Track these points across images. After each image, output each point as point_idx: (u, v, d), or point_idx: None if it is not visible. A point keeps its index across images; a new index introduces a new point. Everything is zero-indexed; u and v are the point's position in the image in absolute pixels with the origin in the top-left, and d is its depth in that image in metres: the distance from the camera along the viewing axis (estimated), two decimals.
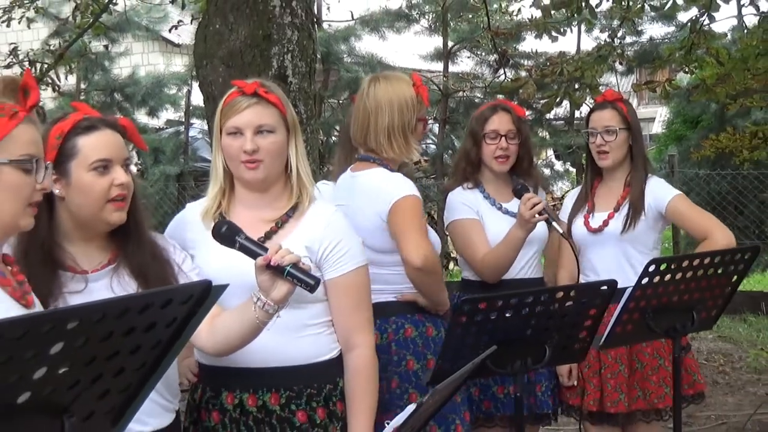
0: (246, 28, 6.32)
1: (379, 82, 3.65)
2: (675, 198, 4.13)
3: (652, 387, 4.05)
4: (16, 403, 1.64)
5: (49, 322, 1.62)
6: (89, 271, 2.57)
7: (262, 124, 2.80)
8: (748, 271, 3.65)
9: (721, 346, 9.49)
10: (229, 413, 2.83)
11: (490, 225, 4.05)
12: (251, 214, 2.86)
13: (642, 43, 12.41)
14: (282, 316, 2.74)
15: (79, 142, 2.50)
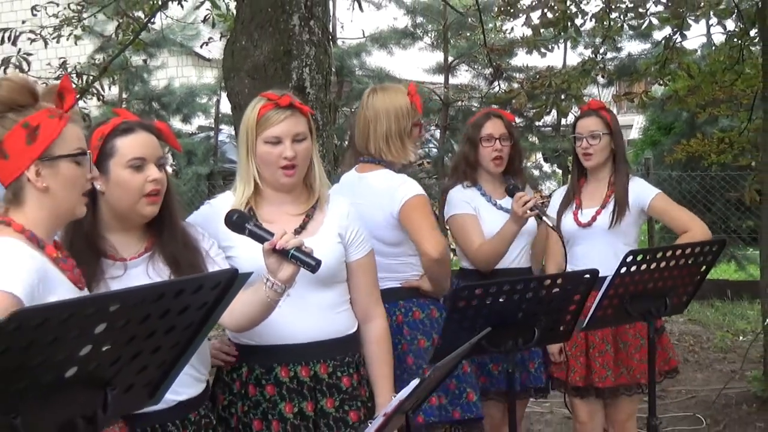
0: (269, 45, 6.32)
1: (377, 93, 3.66)
2: (657, 196, 4.14)
3: (635, 364, 4.05)
4: (64, 377, 1.64)
5: (93, 305, 1.62)
6: (128, 258, 2.58)
7: (298, 132, 2.83)
8: (715, 262, 3.64)
9: (691, 329, 9.48)
10: (285, 385, 2.83)
11: (485, 219, 4.06)
12: (277, 210, 2.90)
13: (621, 59, 12.35)
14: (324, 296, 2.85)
15: (117, 143, 2.52)
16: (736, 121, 10.46)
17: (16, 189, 2.18)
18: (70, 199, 2.21)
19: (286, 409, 2.82)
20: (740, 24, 8.62)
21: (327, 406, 2.83)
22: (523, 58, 12.73)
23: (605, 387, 4.08)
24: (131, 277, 2.53)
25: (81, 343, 1.62)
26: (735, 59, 8.80)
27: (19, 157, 2.14)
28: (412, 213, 3.44)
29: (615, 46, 10.19)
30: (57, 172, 2.17)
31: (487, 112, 4.26)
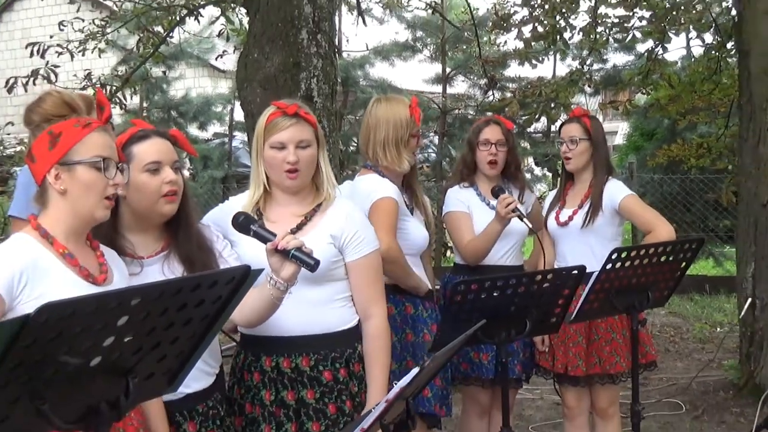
0: (279, 57, 6.32)
1: (380, 103, 3.67)
2: (626, 198, 4.11)
3: (605, 356, 4.05)
4: (89, 365, 1.65)
5: (116, 299, 1.62)
6: (145, 257, 2.58)
7: (302, 139, 2.82)
8: (694, 259, 3.64)
9: (672, 321, 9.48)
10: (268, 374, 2.83)
11: (477, 217, 4.07)
12: (284, 210, 2.89)
13: (607, 70, 12.34)
14: (318, 291, 2.82)
15: (134, 149, 2.53)
16: (713, 127, 10.47)
17: (42, 190, 2.24)
18: (88, 202, 2.23)
19: (265, 396, 2.82)
20: (717, 37, 8.62)
21: (307, 397, 2.81)
22: (516, 69, 12.73)
23: (577, 375, 4.08)
24: (147, 274, 2.53)
25: (105, 334, 1.62)
26: (713, 70, 8.81)
27: (42, 161, 2.19)
28: (373, 213, 3.41)
29: (601, 58, 10.21)
30: (74, 176, 2.19)
31: (488, 119, 4.28)
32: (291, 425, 2.80)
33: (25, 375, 1.55)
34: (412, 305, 3.60)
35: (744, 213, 6.26)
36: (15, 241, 2.21)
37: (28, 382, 1.57)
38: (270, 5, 6.42)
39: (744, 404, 5.92)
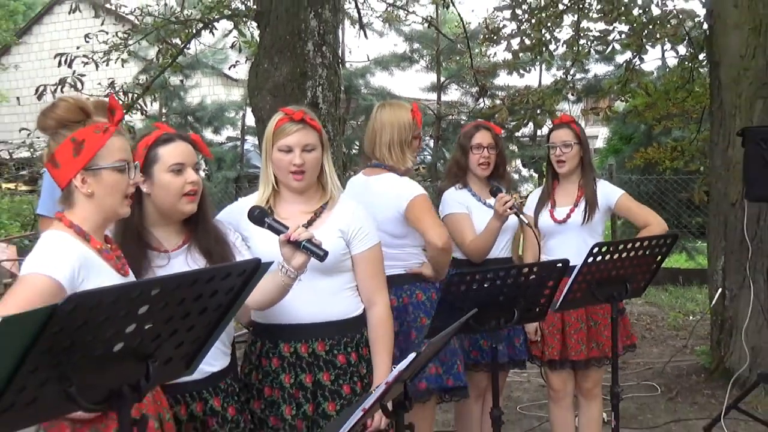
0: (287, 67, 6.32)
1: (385, 108, 3.67)
2: (622, 196, 4.16)
3: (603, 340, 4.05)
4: (112, 351, 1.65)
5: (137, 290, 1.63)
6: (170, 250, 2.58)
7: (308, 143, 2.83)
8: (669, 253, 3.65)
9: (648, 310, 9.48)
10: (287, 359, 2.84)
11: (477, 217, 4.06)
12: (293, 208, 2.90)
13: (588, 79, 12.35)
14: (330, 281, 2.85)
15: (159, 151, 2.53)
16: (687, 132, 10.47)
17: (67, 193, 2.22)
18: (113, 202, 2.23)
19: (285, 379, 2.83)
20: (690, 49, 8.64)
21: (323, 379, 2.83)
22: (505, 78, 12.75)
23: (579, 359, 4.09)
24: (173, 266, 2.54)
25: (127, 321, 1.62)
26: (686, 79, 8.82)
27: (67, 167, 2.17)
28: (416, 210, 3.45)
29: (583, 68, 10.20)
30: (100, 180, 2.19)
31: (477, 124, 4.26)
32: (309, 406, 2.81)
33: (53, 360, 1.55)
34: (435, 291, 3.61)
35: (714, 211, 6.26)
36: (58, 238, 2.17)
37: (57, 366, 1.57)
38: (279, 19, 6.42)
39: (714, 387, 5.93)
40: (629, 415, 5.51)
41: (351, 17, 10.12)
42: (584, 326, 4.07)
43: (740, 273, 5.81)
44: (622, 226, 10.74)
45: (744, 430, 5.18)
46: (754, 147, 4.99)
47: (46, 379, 1.57)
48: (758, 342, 5.60)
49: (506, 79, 12.70)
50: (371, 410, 2.32)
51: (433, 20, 11.36)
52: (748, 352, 5.62)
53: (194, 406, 2.56)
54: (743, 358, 5.65)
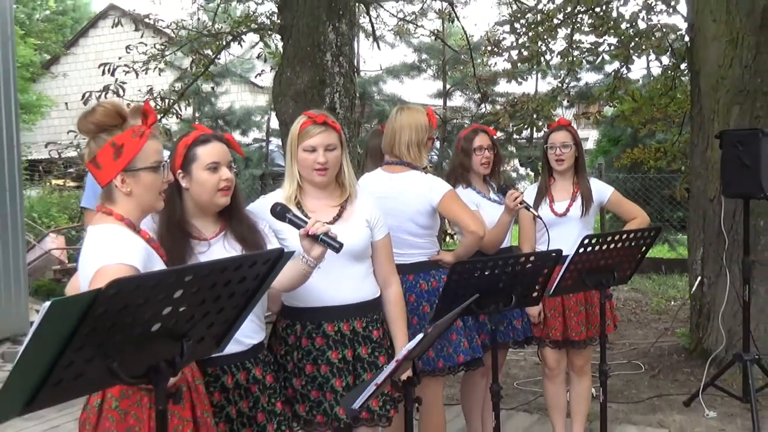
0: (308, 75, 6.33)
1: (403, 111, 3.67)
2: (613, 193, 4.20)
3: (598, 321, 4.04)
4: (150, 330, 1.66)
5: (173, 276, 1.63)
6: (209, 238, 2.60)
7: (329, 143, 2.85)
8: (653, 244, 3.64)
9: (633, 295, 9.46)
10: (331, 337, 2.86)
11: (486, 211, 4.02)
12: (319, 202, 2.92)
13: (580, 86, 12.27)
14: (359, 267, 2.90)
15: (197, 151, 2.55)
16: (669, 135, 10.42)
17: (108, 191, 2.22)
18: (149, 198, 2.24)
19: (332, 355, 2.84)
20: (673, 60, 8.60)
21: (362, 353, 2.87)
22: (504, 86, 12.69)
23: (580, 339, 4.09)
24: (213, 251, 2.55)
25: (163, 304, 1.63)
26: (669, 87, 8.79)
27: (108, 169, 2.18)
28: (451, 204, 3.48)
29: (576, 77, 10.15)
30: (138, 180, 2.20)
31: (475, 128, 4.24)
32: (350, 377, 2.85)
33: (98, 339, 1.56)
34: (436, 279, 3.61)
35: (694, 206, 6.24)
36: (120, 231, 2.17)
37: (101, 344, 1.58)
38: (300, 32, 6.43)
39: (693, 365, 5.91)
40: (616, 391, 5.50)
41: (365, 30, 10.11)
42: (583, 310, 4.07)
43: (717, 263, 5.79)
44: (610, 220, 10.71)
45: (720, 405, 5.16)
46: (731, 149, 4.97)
47: (91, 356, 1.58)
48: (733, 325, 5.58)
49: (506, 86, 12.66)
50: (383, 385, 2.33)
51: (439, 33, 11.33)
52: (724, 335, 5.60)
53: (239, 376, 2.60)
54: (720, 339, 5.63)
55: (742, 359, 5.03)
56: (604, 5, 8.50)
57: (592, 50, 8.87)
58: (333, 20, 6.58)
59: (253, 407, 2.61)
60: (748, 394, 4.90)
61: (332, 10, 6.57)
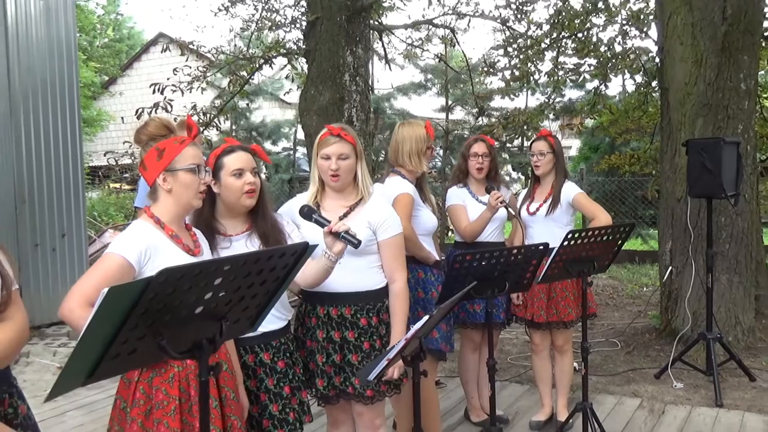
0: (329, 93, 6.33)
1: (404, 125, 3.66)
2: (577, 194, 4.11)
3: (561, 308, 4.06)
4: (194, 313, 1.66)
5: (213, 266, 1.63)
6: (233, 235, 2.60)
7: (342, 153, 2.82)
8: (627, 238, 3.62)
9: (611, 282, 9.42)
10: (321, 318, 2.84)
11: (470, 208, 4.08)
12: (335, 203, 2.89)
13: (565, 101, 12.22)
14: (357, 261, 2.82)
15: (224, 160, 2.56)
16: (642, 143, 10.38)
17: (153, 189, 2.28)
18: (187, 196, 2.27)
19: (319, 334, 2.84)
20: (645, 78, 8.55)
21: (349, 336, 2.82)
22: (499, 101, 12.68)
23: (569, 320, 4.08)
24: (235, 247, 2.55)
25: (205, 290, 1.63)
26: (641, 102, 8.76)
27: (153, 169, 2.24)
28: (395, 205, 3.36)
29: (561, 94, 10.10)
30: (177, 179, 2.23)
31: (477, 138, 4.26)
32: (337, 356, 2.81)
33: (149, 319, 1.57)
34: (423, 271, 3.59)
35: (664, 205, 6.21)
36: (138, 227, 2.24)
37: (152, 324, 1.58)
38: (322, 56, 6.44)
39: (663, 343, 5.88)
40: (596, 365, 5.48)
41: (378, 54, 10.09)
42: (570, 295, 4.07)
43: (684, 254, 5.76)
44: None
45: (686, 377, 5.14)
46: (696, 155, 4.96)
47: (144, 334, 1.59)
48: (698, 308, 5.55)
49: (500, 102, 12.65)
50: (394, 360, 2.33)
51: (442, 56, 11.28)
52: (690, 317, 5.58)
53: (246, 357, 2.58)
54: (686, 320, 5.61)
55: (705, 338, 5.01)
56: (585, 31, 8.47)
57: (575, 70, 8.84)
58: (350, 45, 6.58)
59: (258, 388, 2.58)
60: (710, 368, 4.89)
61: (350, 36, 6.57)
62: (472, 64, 10.70)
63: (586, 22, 8.41)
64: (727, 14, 5.63)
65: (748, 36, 5.68)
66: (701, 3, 5.65)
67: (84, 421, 4.56)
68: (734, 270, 5.68)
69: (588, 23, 8.43)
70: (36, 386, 5.22)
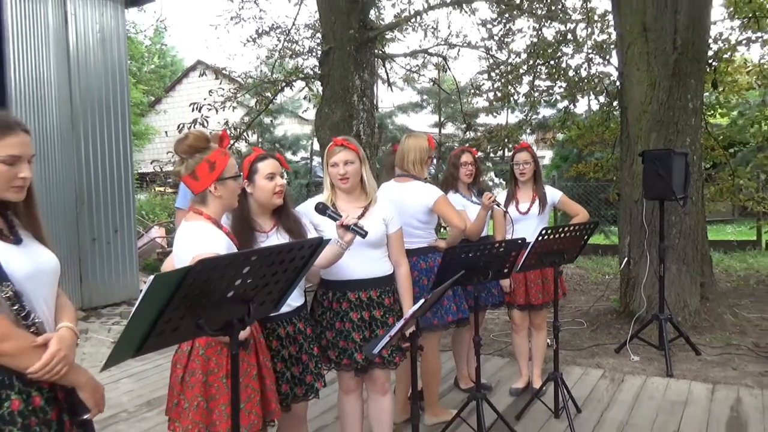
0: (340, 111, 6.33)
1: (410, 137, 3.65)
2: (562, 196, 4.15)
3: (551, 290, 4.04)
4: (226, 296, 1.66)
5: (242, 257, 1.63)
6: (267, 230, 2.59)
7: (347, 159, 2.82)
8: (592, 234, 3.61)
9: (578, 271, 9.40)
10: (353, 303, 2.84)
11: (469, 210, 4.01)
12: (348, 204, 2.88)
13: (539, 118, 12.20)
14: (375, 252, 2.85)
15: (258, 165, 2.56)
16: (605, 154, 10.34)
17: (202, 196, 2.22)
18: (231, 199, 2.26)
19: (353, 316, 2.83)
20: (607, 98, 8.53)
21: (376, 315, 2.84)
22: (484, 118, 12.63)
23: (544, 303, 4.08)
24: (270, 240, 2.56)
25: (235, 277, 1.63)
26: (604, 119, 8.74)
27: (205, 179, 2.18)
28: (442, 205, 3.42)
29: (536, 112, 10.09)
30: (225, 186, 2.21)
31: (463, 149, 4.23)
32: (367, 332, 2.83)
33: (188, 302, 1.57)
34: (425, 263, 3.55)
35: (623, 206, 6.19)
36: (209, 228, 2.17)
37: (191, 306, 1.58)
38: (335, 80, 6.43)
39: (622, 323, 5.87)
40: (565, 341, 5.47)
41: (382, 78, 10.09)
42: (540, 281, 4.05)
43: (640, 247, 5.74)
44: (561, 217, 10.65)
45: (642, 352, 5.13)
46: (650, 164, 4.95)
47: (184, 314, 1.59)
48: (652, 293, 5.53)
49: (485, 119, 12.60)
50: (395, 337, 2.32)
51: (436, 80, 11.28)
52: (645, 300, 5.57)
53: (288, 328, 2.60)
54: (642, 303, 5.60)
55: (658, 318, 5.00)
56: (556, 59, 8.46)
57: (548, 92, 8.83)
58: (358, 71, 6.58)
59: (299, 351, 2.61)
60: (662, 344, 4.88)
61: (358, 63, 6.56)
62: (461, 87, 10.69)
63: (558, 51, 8.40)
64: (677, 45, 5.62)
65: (695, 63, 5.68)
66: (655, 35, 5.64)
67: (134, 387, 4.56)
68: (683, 261, 5.66)
69: (559, 52, 8.42)
70: (93, 358, 5.23)
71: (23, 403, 1.61)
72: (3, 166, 1.64)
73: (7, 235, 1.69)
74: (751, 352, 5.01)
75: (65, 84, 6.96)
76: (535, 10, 8.14)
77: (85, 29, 7.27)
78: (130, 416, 4.02)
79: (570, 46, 8.38)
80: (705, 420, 3.75)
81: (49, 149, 6.63)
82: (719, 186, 8.48)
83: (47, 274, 1.73)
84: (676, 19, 5.62)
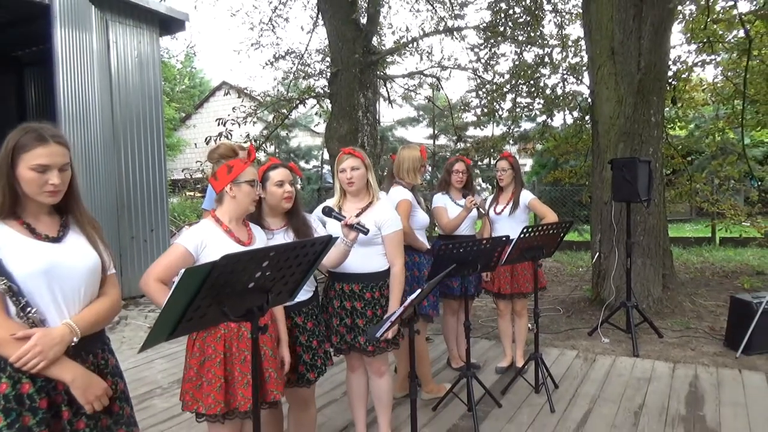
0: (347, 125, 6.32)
1: (405, 149, 3.64)
2: (532, 199, 4.09)
3: (521, 282, 4.03)
4: (247, 287, 1.66)
5: (262, 253, 1.63)
6: (275, 230, 2.58)
7: (354, 165, 2.80)
8: (568, 232, 3.60)
9: (555, 264, 9.38)
10: (337, 292, 2.83)
11: (450, 210, 4.03)
12: (352, 205, 2.86)
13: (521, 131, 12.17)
14: (366, 250, 2.78)
15: (270, 173, 2.53)
16: (578, 162, 10.32)
17: (220, 196, 2.24)
18: (246, 203, 2.24)
19: (335, 303, 2.82)
20: (580, 114, 8.52)
21: (357, 306, 2.80)
22: (473, 131, 12.61)
23: (526, 292, 4.06)
24: (276, 239, 2.53)
25: (255, 270, 1.63)
26: (577, 131, 8.71)
27: (222, 180, 2.20)
28: (398, 208, 3.33)
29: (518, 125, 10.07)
30: (240, 189, 2.21)
31: (457, 158, 4.22)
32: (348, 320, 2.81)
33: (214, 292, 1.57)
34: (417, 257, 3.57)
35: (595, 207, 6.18)
36: (201, 224, 2.22)
37: (216, 295, 1.58)
38: (342, 98, 6.43)
39: (594, 309, 5.85)
40: (544, 326, 5.45)
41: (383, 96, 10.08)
42: (525, 273, 4.04)
43: (609, 243, 5.73)
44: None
45: (611, 335, 5.11)
46: (618, 170, 4.94)
47: (210, 303, 1.59)
48: (620, 284, 5.52)
49: (473, 131, 12.58)
50: (395, 322, 2.32)
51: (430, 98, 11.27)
52: (614, 289, 5.55)
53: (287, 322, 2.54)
54: (611, 292, 5.58)
55: (626, 305, 4.98)
56: (535, 79, 8.45)
57: (528, 108, 8.82)
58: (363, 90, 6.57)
59: (294, 343, 2.56)
60: (629, 328, 4.86)
61: (362, 83, 6.56)
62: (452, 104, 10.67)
63: (536, 72, 8.39)
64: (641, 66, 5.61)
65: (657, 82, 5.68)
66: (622, 58, 5.63)
67: (167, 367, 4.56)
68: (647, 255, 5.65)
69: (537, 73, 8.41)
70: (132, 341, 5.23)
71: (10, 387, 1.56)
72: (34, 174, 1.61)
73: (39, 233, 1.65)
74: (707, 335, 5.00)
75: (107, 103, 6.97)
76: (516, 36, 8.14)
77: (125, 55, 7.29)
78: (164, 392, 4.02)
79: (547, 68, 8.38)
80: (667, 394, 3.74)
81: (93, 160, 6.64)
82: (678, 189, 8.48)
83: (70, 270, 1.65)
84: (640, 44, 5.62)
